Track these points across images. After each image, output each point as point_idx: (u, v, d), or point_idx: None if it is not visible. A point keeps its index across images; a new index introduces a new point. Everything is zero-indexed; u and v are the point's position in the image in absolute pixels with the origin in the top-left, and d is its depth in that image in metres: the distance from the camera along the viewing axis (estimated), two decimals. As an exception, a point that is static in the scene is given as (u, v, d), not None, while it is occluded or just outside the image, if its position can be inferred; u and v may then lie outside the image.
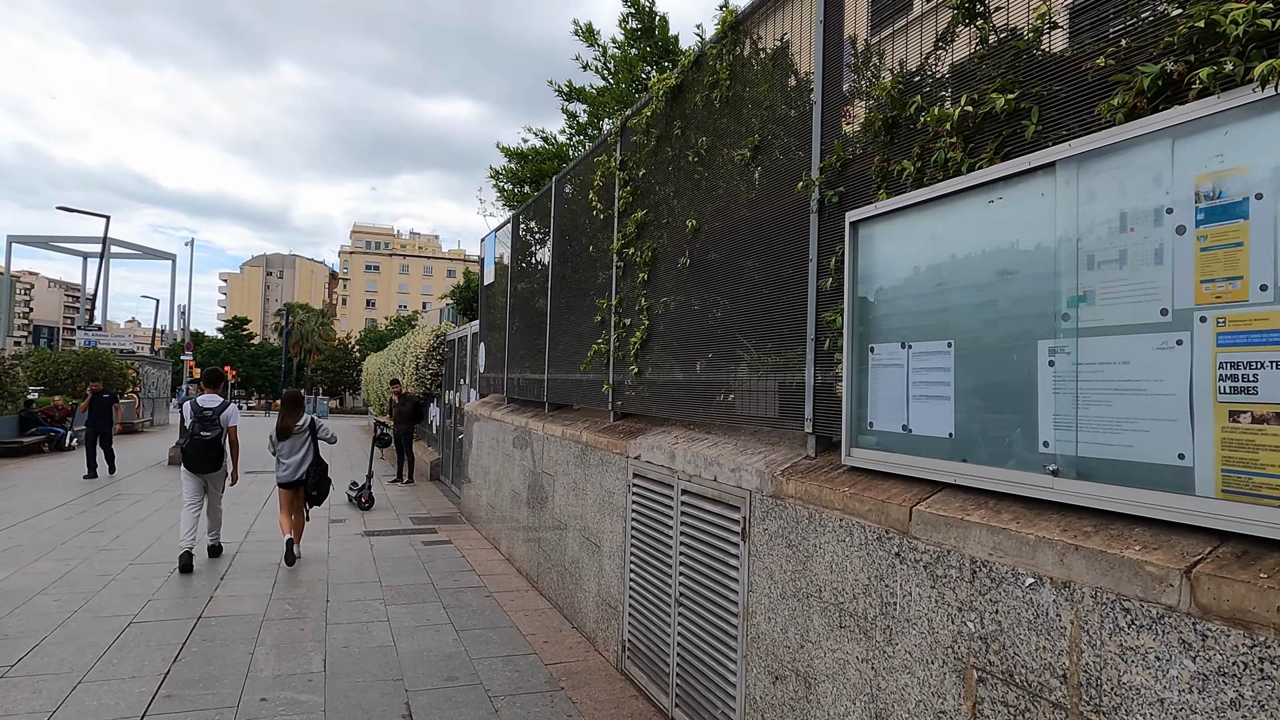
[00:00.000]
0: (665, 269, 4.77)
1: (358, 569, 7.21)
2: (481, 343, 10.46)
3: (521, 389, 8.17)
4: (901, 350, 2.72)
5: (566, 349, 6.63)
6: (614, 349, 5.44)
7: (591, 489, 5.40)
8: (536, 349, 7.63)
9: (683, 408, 4.42)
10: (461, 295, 17.04)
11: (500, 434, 8.35)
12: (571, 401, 6.57)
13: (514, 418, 7.81)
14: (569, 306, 6.62)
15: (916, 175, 2.70)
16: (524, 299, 8.42)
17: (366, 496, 10.69)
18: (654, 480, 4.39)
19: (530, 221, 8.52)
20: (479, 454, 9.52)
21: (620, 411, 5.46)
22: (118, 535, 8.41)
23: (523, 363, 8.17)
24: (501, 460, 8.24)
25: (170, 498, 11.18)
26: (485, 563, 7.62)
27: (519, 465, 7.48)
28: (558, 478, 6.19)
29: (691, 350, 4.37)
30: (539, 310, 7.68)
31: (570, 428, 5.98)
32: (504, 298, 9.22)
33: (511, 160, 10.87)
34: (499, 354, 9.34)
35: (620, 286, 5.46)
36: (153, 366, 31.78)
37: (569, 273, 6.71)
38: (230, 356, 69.60)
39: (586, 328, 6.11)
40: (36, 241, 46.15)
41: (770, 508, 3.22)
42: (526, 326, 8.14)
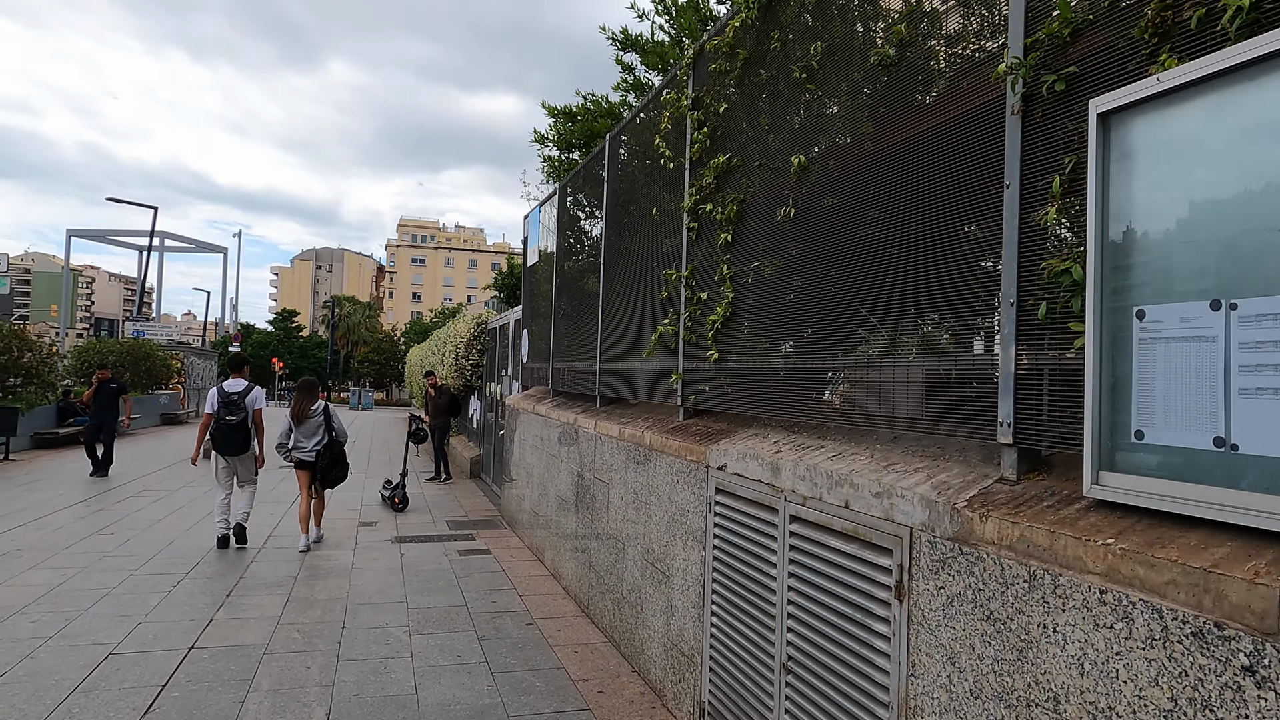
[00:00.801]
0: (756, 226, 3.72)
1: (383, 585, 6.31)
2: (524, 330, 9.52)
3: (569, 380, 7.18)
4: (1212, 314, 1.63)
5: (623, 334, 5.61)
6: (685, 331, 4.41)
7: (657, 503, 4.38)
8: (586, 335, 6.63)
9: (781, 404, 3.37)
10: (504, 282, 16.16)
11: (545, 431, 7.38)
12: (628, 395, 5.55)
13: (560, 413, 6.83)
14: (626, 284, 5.60)
15: (1244, 19, 1.60)
16: (572, 280, 7.43)
17: (400, 497, 9.85)
18: (746, 500, 3.34)
19: (579, 194, 7.51)
20: (521, 452, 8.57)
21: (693, 408, 4.42)
22: (127, 539, 7.66)
23: (570, 351, 7.19)
24: (546, 460, 7.27)
25: (194, 495, 10.49)
26: (527, 579, 6.65)
27: (566, 467, 6.50)
28: (613, 486, 5.19)
29: (793, 328, 3.31)
30: (589, 291, 6.68)
31: (629, 427, 4.96)
32: (549, 280, 8.25)
33: (558, 121, 9.66)
34: (543, 342, 8.38)
35: (693, 253, 4.42)
36: (198, 357, 31.73)
37: (626, 244, 5.69)
38: (279, 348, 70.37)
39: (649, 308, 5.09)
40: (94, 235, 47.20)
41: (949, 555, 2.15)
42: (575, 310, 7.14)
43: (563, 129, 9.09)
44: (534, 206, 9.02)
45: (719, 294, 4.00)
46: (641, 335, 5.17)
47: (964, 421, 2.32)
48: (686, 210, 4.44)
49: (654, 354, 4.81)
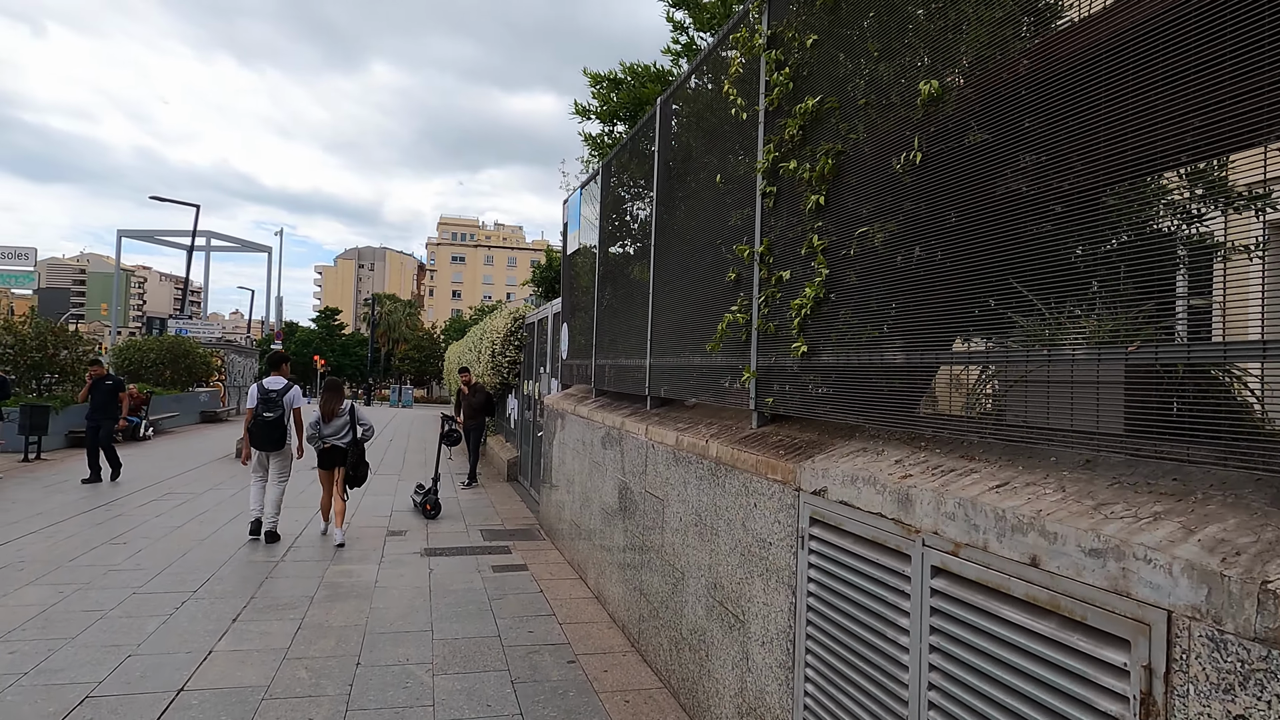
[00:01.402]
0: (859, 182, 2.91)
1: (407, 609, 5.62)
2: (564, 324, 8.79)
3: (614, 379, 6.43)
4: None
5: (677, 325, 4.83)
6: (760, 318, 3.61)
7: (726, 529, 3.59)
8: (634, 328, 5.87)
9: (898, 410, 2.56)
10: (543, 275, 15.48)
11: (587, 435, 6.64)
12: (684, 395, 4.78)
13: (604, 415, 6.08)
14: (682, 267, 4.82)
15: None
16: (617, 267, 6.67)
17: (432, 503, 9.20)
18: (859, 538, 2.54)
19: (624, 171, 6.75)
20: (561, 456, 7.85)
21: (769, 412, 3.62)
22: (139, 549, 7.11)
23: (615, 346, 6.43)
24: (589, 468, 6.53)
25: (219, 499, 9.98)
26: (568, 602, 5.92)
27: (611, 477, 5.75)
28: (669, 503, 4.41)
29: (920, 310, 2.50)
30: (637, 279, 5.92)
31: (689, 434, 4.18)
32: (590, 269, 7.50)
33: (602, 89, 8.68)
34: (585, 337, 7.64)
35: (770, 224, 3.62)
36: (239, 355, 31.77)
37: (681, 221, 4.91)
38: (322, 346, 71.03)
39: (710, 293, 4.30)
40: (143, 235, 48.01)
41: (1255, 668, 1.33)
42: (621, 300, 6.38)
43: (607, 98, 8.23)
44: (575, 189, 8.28)
45: (808, 271, 3.20)
46: (701, 326, 4.39)
47: (1244, 444, 1.50)
48: (762, 172, 3.65)
49: (719, 348, 4.02)
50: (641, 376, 5.56)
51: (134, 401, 17.66)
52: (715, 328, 4.12)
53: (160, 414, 19.77)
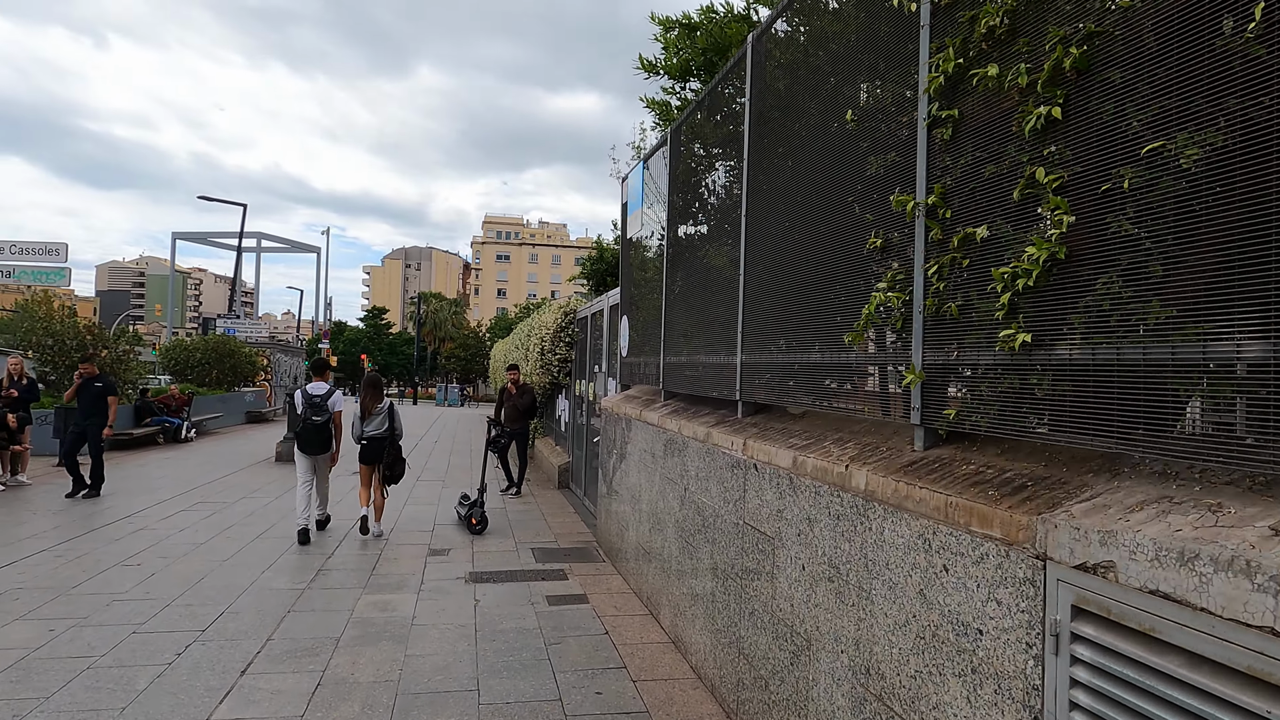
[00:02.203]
0: (1132, 75, 1.84)
1: (449, 657, 4.68)
2: (623, 318, 7.81)
3: (690, 379, 5.42)
4: None
5: (781, 313, 3.80)
6: (930, 297, 2.56)
7: (888, 594, 2.54)
8: (716, 319, 4.85)
9: (1223, 435, 1.50)
10: (593, 268, 14.52)
11: (657, 446, 5.64)
12: (791, 401, 3.74)
13: (680, 423, 5.07)
14: (787, 240, 3.78)
15: None
16: (690, 249, 5.66)
17: (479, 517, 8.30)
18: (1213, 664, 1.47)
19: (697, 138, 5.74)
20: (623, 468, 6.87)
21: (949, 427, 2.54)
22: (152, 574, 6.32)
23: (691, 341, 5.42)
24: (660, 484, 5.53)
25: (250, 510, 9.23)
26: (640, 648, 4.92)
27: (691, 499, 4.73)
28: (783, 543, 3.38)
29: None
30: (719, 260, 4.90)
31: (815, 454, 3.14)
32: (658, 253, 6.50)
33: (676, 35, 7.26)
34: (650, 331, 6.64)
35: (944, 163, 2.57)
36: (284, 354, 31.57)
37: (785, 181, 3.87)
38: (369, 345, 71.50)
39: (834, 268, 3.26)
40: (196, 237, 48.65)
41: None
42: (696, 288, 5.38)
43: (679, 46, 7.00)
44: (639, 162, 7.29)
45: (1027, 223, 2.15)
46: (819, 312, 3.36)
47: None
48: (931, 93, 2.59)
49: (860, 338, 2.97)
50: (729, 377, 4.54)
51: (176, 403, 17.25)
52: (842, 312, 3.08)
53: (204, 415, 19.37)
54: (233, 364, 23.48)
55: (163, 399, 17.08)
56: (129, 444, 15.35)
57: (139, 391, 16.40)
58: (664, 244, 6.26)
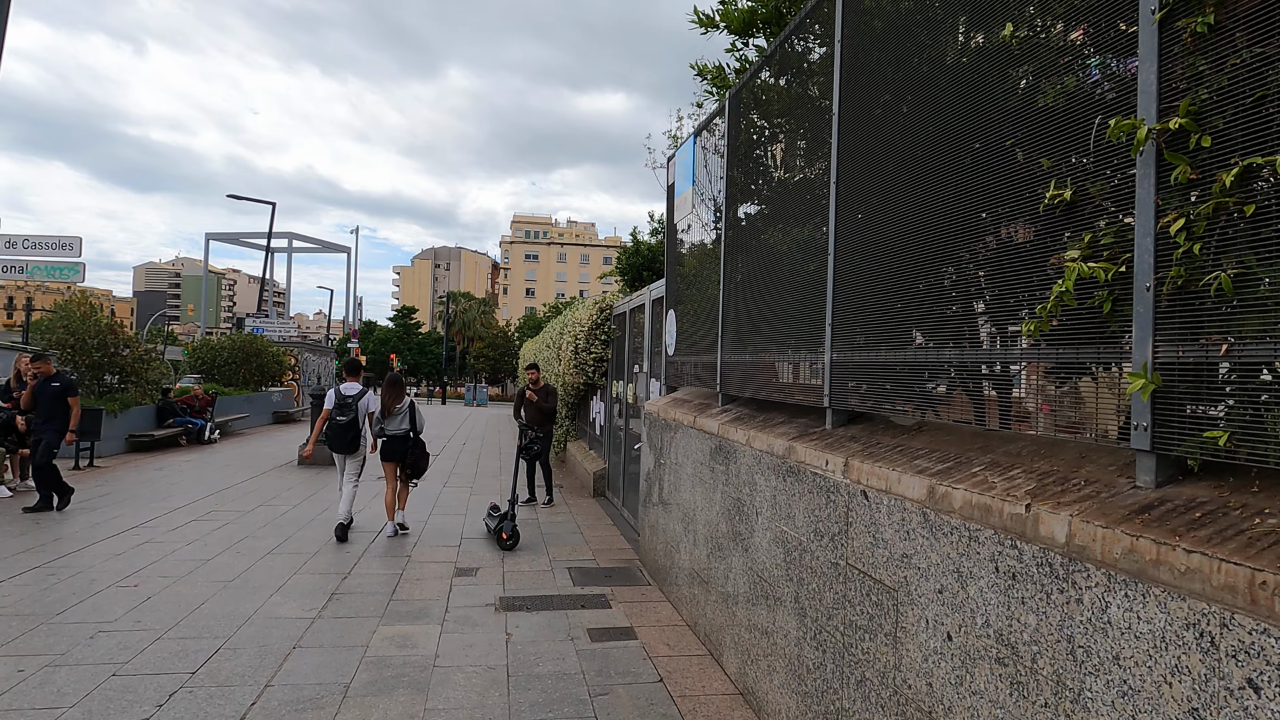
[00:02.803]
0: None
1: (476, 709, 3.94)
2: (669, 312, 7.03)
3: (757, 382, 4.63)
4: None
5: (887, 298, 3.01)
6: (1170, 268, 1.75)
7: (1118, 699, 1.72)
8: (791, 310, 4.06)
9: None
10: (629, 262, 13.76)
11: (715, 459, 4.85)
12: (898, 410, 2.94)
13: (746, 434, 4.28)
14: (900, 205, 2.98)
15: None
16: (754, 230, 4.87)
17: (509, 531, 7.57)
18: None
19: (761, 106, 4.95)
20: (672, 481, 6.09)
21: (1211, 455, 1.72)
22: (148, 597, 5.67)
23: (757, 336, 4.62)
24: (721, 503, 4.74)
25: (267, 519, 8.60)
26: (703, 701, 4.14)
27: (766, 527, 3.94)
28: (917, 601, 2.56)
29: None
30: (795, 240, 4.11)
31: (971, 488, 2.32)
32: (713, 237, 5.72)
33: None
34: (703, 326, 5.85)
35: (1188, 71, 1.75)
36: (313, 354, 31.26)
37: (893, 132, 3.06)
38: (399, 344, 71.51)
39: (976, 236, 2.46)
40: (228, 238, 48.89)
41: None
42: (764, 273, 4.59)
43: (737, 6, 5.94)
44: (687, 138, 6.50)
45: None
46: (946, 297, 2.57)
47: None
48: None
49: (1046, 326, 2.15)
50: (813, 379, 3.74)
51: (199, 403, 16.81)
52: (994, 294, 2.28)
53: (228, 415, 18.94)
54: (259, 363, 23.09)
55: (185, 399, 16.64)
56: (150, 446, 14.90)
57: (161, 391, 15.95)
58: (721, 226, 5.47)
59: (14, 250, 11.41)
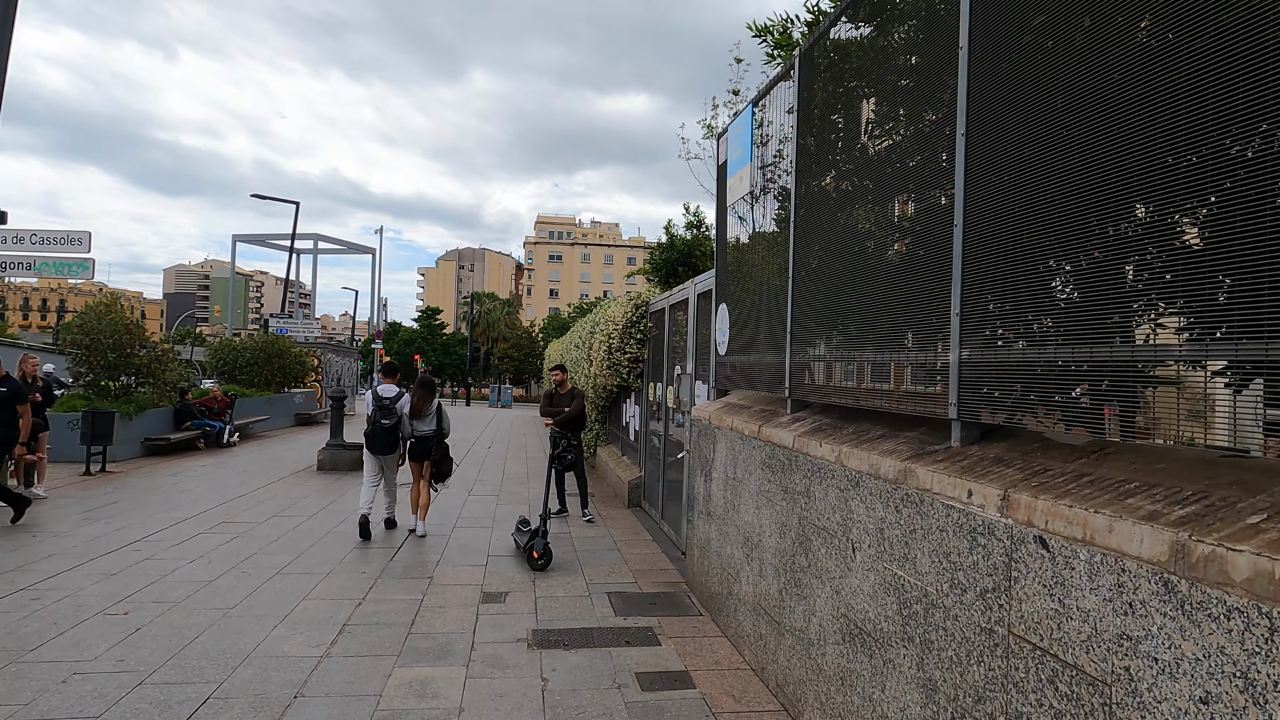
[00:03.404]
0: None
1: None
2: (719, 307, 6.27)
3: (842, 386, 3.86)
4: None
5: (1052, 273, 2.24)
6: None
7: None
8: (890, 299, 3.30)
9: None
10: (662, 258, 13.00)
11: (791, 477, 4.08)
12: (1050, 419, 2.17)
13: (835, 449, 3.51)
14: (1071, 155, 2.21)
15: None
16: (832, 205, 4.10)
17: (540, 549, 6.85)
18: None
19: (843, 62, 4.18)
20: (727, 498, 5.34)
21: None
22: (137, 628, 5.01)
23: (841, 330, 3.86)
24: (798, 531, 3.98)
25: (279, 533, 7.96)
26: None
27: (868, 566, 3.17)
28: (1150, 708, 1.79)
29: None
30: (893, 210, 3.35)
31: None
32: (778, 217, 4.97)
33: None
34: (765, 321, 5.09)
35: None
36: (336, 355, 30.86)
37: (1070, 61, 2.29)
38: (423, 345, 71.35)
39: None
40: (254, 239, 48.93)
41: None
42: (847, 255, 3.82)
43: None
44: (746, 107, 5.74)
45: None
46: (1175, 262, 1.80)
47: None
48: None
49: None
50: (928, 382, 2.98)
51: (218, 405, 16.32)
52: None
53: (249, 417, 18.46)
54: (281, 364, 22.64)
55: (204, 401, 16.16)
56: (166, 449, 14.41)
57: (179, 393, 15.47)
58: (788, 206, 4.71)
59: (21, 245, 10.92)
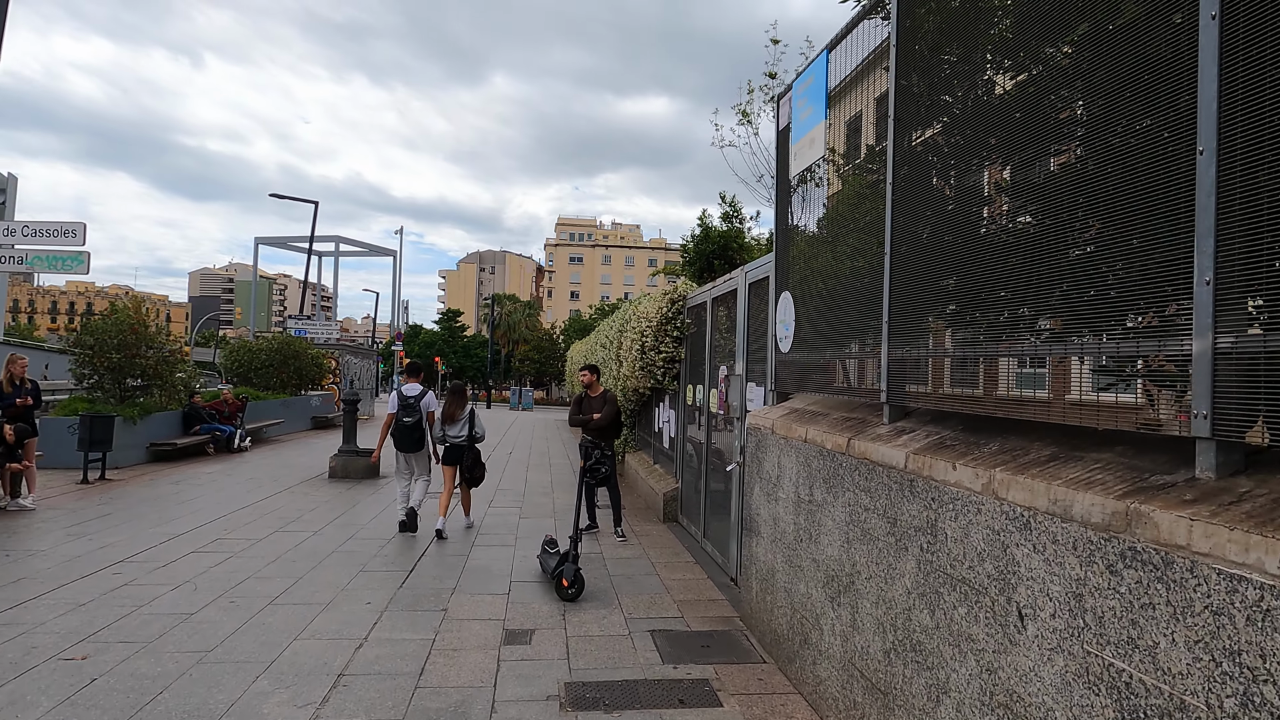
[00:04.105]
0: None
1: None
2: (782, 296, 5.35)
3: (968, 396, 2.93)
4: None
5: None
6: None
7: None
8: (1048, 270, 2.36)
9: None
10: (698, 249, 12.10)
11: (902, 506, 3.15)
12: None
13: (984, 475, 2.58)
14: None
15: None
16: (948, 157, 3.18)
17: (571, 576, 5.96)
18: None
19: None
20: (802, 525, 4.42)
21: None
22: (93, 679, 4.18)
23: (968, 316, 2.92)
24: (918, 578, 3.05)
25: (281, 551, 7.14)
26: None
27: (1055, 645, 2.24)
28: None
29: None
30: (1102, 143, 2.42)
31: None
32: (873, 179, 4.05)
33: None
34: (846, 310, 4.17)
35: None
36: (355, 356, 30.23)
37: None
38: (444, 347, 70.92)
39: None
40: (276, 241, 48.66)
41: None
42: (975, 222, 2.89)
43: None
44: (815, 58, 4.81)
45: None
46: None
47: None
48: None
49: None
50: (1172, 385, 2.05)
51: (228, 408, 15.63)
52: None
53: (262, 421, 17.78)
54: (297, 366, 21.98)
55: (214, 404, 15.47)
56: (173, 455, 13.70)
57: (188, 396, 14.77)
58: (881, 165, 3.79)
59: (13, 237, 10.23)
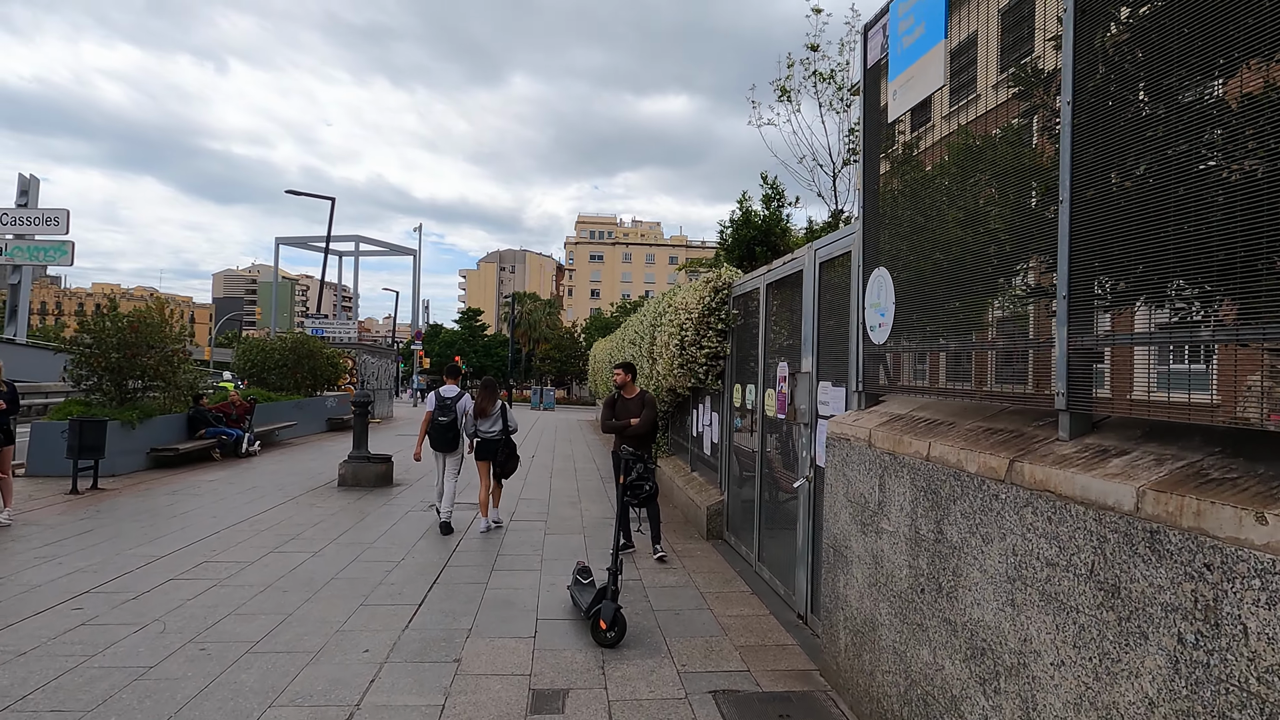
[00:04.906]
0: None
1: None
2: (877, 272, 4.28)
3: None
4: None
5: None
6: None
7: None
8: None
9: None
10: (738, 234, 11.01)
11: (1124, 562, 2.08)
12: None
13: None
14: None
15: None
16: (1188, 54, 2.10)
17: (610, 617, 4.93)
18: None
19: None
20: (929, 572, 3.36)
21: None
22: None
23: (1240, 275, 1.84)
24: (1155, 667, 1.98)
25: (275, 578, 6.17)
26: None
27: None
28: None
29: None
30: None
31: None
32: (1034, 107, 2.98)
33: None
34: (983, 285, 3.10)
35: None
36: (373, 356, 29.42)
37: None
38: (464, 347, 70.25)
39: None
40: (297, 242, 48.17)
41: None
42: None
43: None
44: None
45: None
46: None
47: None
48: None
49: None
50: None
51: (236, 410, 14.77)
52: None
53: (274, 423, 16.93)
54: (312, 366, 21.15)
55: (221, 407, 14.62)
56: (175, 461, 12.84)
57: (193, 398, 13.93)
58: (1046, 89, 2.73)
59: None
